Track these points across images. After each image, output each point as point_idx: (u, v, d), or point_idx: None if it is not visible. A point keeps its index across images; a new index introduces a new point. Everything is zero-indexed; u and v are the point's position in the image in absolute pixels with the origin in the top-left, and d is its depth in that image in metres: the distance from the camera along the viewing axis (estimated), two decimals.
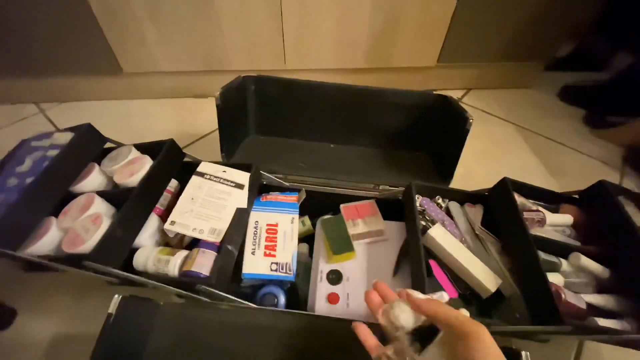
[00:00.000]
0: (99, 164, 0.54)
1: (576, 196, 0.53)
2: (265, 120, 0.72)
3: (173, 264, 0.43)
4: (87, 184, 0.51)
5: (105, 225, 0.42)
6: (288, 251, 0.52)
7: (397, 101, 0.67)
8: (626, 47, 1.01)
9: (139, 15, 0.81)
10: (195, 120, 0.97)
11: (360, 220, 0.58)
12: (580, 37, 1.15)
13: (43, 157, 0.51)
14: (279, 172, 0.62)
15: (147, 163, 0.50)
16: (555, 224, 0.50)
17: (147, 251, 0.45)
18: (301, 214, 0.59)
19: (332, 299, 0.49)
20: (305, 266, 0.56)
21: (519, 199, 0.50)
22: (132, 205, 0.44)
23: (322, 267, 0.53)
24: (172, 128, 0.94)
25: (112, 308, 0.34)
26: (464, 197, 0.56)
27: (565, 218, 0.50)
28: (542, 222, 0.49)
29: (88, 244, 0.40)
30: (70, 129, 0.54)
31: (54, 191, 0.47)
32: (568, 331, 0.37)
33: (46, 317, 0.56)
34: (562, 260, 0.46)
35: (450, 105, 0.61)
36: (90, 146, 0.53)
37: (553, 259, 0.45)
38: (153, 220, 0.48)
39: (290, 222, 0.56)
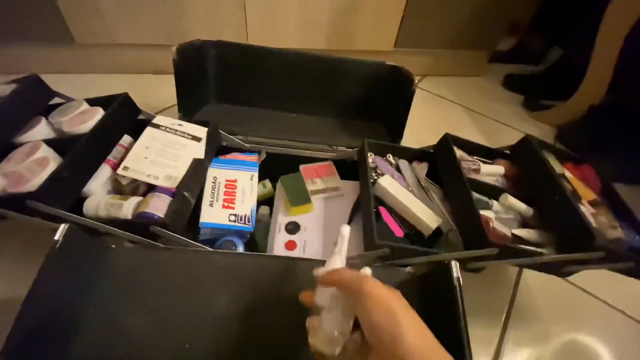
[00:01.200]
0: (47, 118, 0.52)
1: (507, 152, 0.60)
2: (226, 87, 0.72)
3: (126, 207, 0.43)
4: (33, 134, 0.49)
5: (52, 167, 0.41)
6: (247, 205, 0.54)
7: (354, 70, 0.70)
8: (557, 42, 1.15)
9: None
10: (154, 95, 0.94)
11: (319, 179, 0.61)
12: (520, 33, 1.29)
13: None
14: (239, 134, 0.64)
15: (99, 114, 0.49)
16: (489, 173, 0.56)
17: (98, 197, 0.44)
18: (262, 177, 0.61)
19: (290, 245, 0.51)
20: (265, 226, 0.58)
21: (459, 151, 0.56)
22: (81, 149, 0.43)
23: (281, 219, 0.55)
24: None
25: (59, 235, 0.33)
26: (412, 155, 0.60)
27: (497, 168, 0.56)
28: (477, 170, 0.54)
29: (33, 182, 0.39)
30: (15, 81, 0.52)
31: None
32: (495, 253, 0.42)
33: None
34: (494, 201, 0.51)
35: (399, 73, 0.66)
36: (36, 98, 0.51)
37: (485, 199, 0.50)
38: (105, 170, 0.48)
39: (249, 179, 0.57)
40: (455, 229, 0.48)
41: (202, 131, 0.54)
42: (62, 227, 0.34)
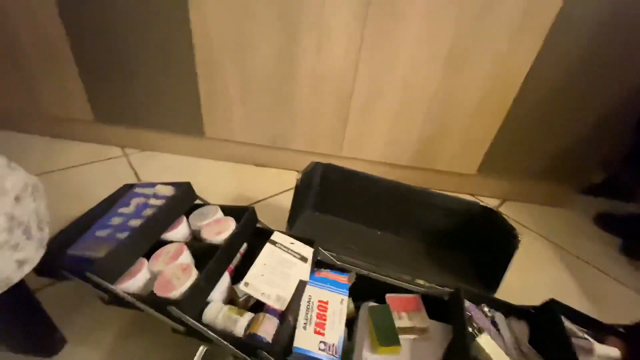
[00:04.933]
0: (186, 217, 0.62)
1: (622, 330, 0.54)
2: (323, 199, 0.80)
3: (241, 325, 0.47)
4: (175, 233, 0.58)
5: (193, 275, 0.48)
6: (336, 332, 0.55)
7: (443, 204, 0.74)
8: None
9: (234, 96, 1.00)
10: (252, 186, 1.08)
11: (405, 314, 0.60)
12: (612, 167, 1.25)
13: (145, 204, 0.61)
14: (333, 251, 0.68)
15: (231, 225, 0.58)
16: (603, 355, 0.51)
17: (218, 306, 0.49)
18: None
19: None
20: (343, 350, 0.57)
21: (566, 323, 0.52)
22: (217, 262, 0.50)
23: (366, 355, 0.54)
24: (232, 190, 1.05)
25: (198, 358, 0.38)
26: (509, 310, 0.58)
27: (613, 351, 0.51)
28: (590, 351, 0.50)
29: (177, 291, 0.46)
30: (171, 184, 0.65)
31: (152, 236, 0.55)
32: None
33: (93, 351, 0.58)
34: None
35: (496, 218, 0.68)
36: (185, 201, 0.62)
37: None
38: (225, 278, 0.54)
39: (339, 302, 0.59)
40: None
41: (308, 251, 0.60)
42: (201, 350, 0.39)
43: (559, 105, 0.96)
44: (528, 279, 0.85)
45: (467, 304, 0.58)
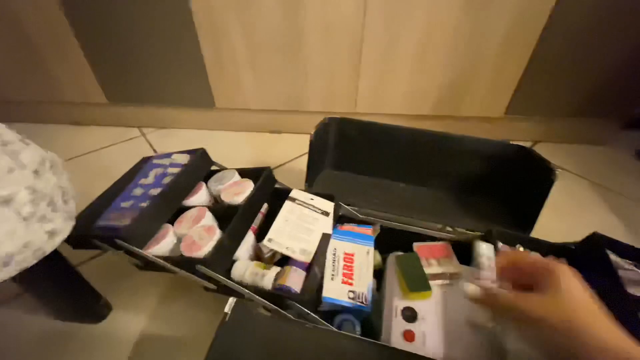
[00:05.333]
0: (206, 183, 0.62)
1: None
2: (341, 156, 0.78)
3: (268, 278, 0.47)
4: (196, 199, 0.59)
5: (217, 235, 0.49)
6: (364, 282, 0.55)
7: (473, 149, 0.69)
8: None
9: (241, 62, 0.96)
10: (270, 152, 1.07)
11: (435, 261, 0.59)
12: None
13: (164, 173, 0.61)
14: (354, 205, 0.66)
15: (249, 186, 0.57)
16: None
17: (245, 263, 0.50)
18: None
19: (409, 336, 0.50)
20: (373, 300, 0.57)
21: (611, 256, 0.49)
22: (238, 221, 0.50)
23: (396, 303, 0.54)
24: (250, 158, 1.04)
25: (228, 308, 0.38)
26: (547, 249, 0.55)
27: None
28: (638, 282, 0.46)
29: (203, 250, 0.47)
30: (187, 152, 0.64)
31: (174, 202, 0.55)
32: None
33: (137, 314, 0.62)
34: None
35: (531, 156, 0.63)
36: (202, 167, 0.62)
37: None
38: (249, 237, 0.54)
39: (366, 253, 0.59)
40: None
41: (329, 205, 0.58)
42: (231, 301, 0.39)
43: (592, 35, 0.85)
44: (567, 221, 0.80)
45: (500, 245, 0.55)
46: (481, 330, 0.28)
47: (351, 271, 0.56)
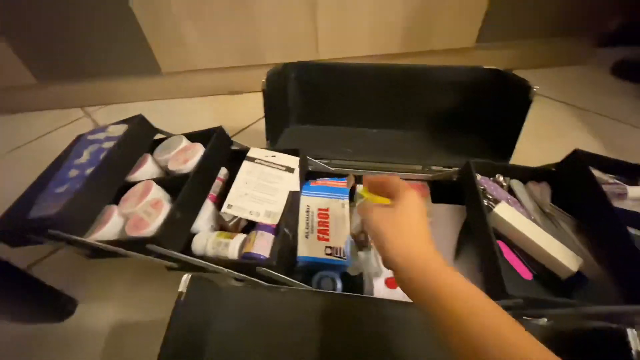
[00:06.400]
0: (152, 154, 0.55)
1: None
2: (306, 108, 0.71)
3: (233, 247, 0.42)
4: (142, 173, 0.52)
5: (165, 209, 0.43)
6: (341, 236, 0.51)
7: (443, 79, 0.63)
8: None
9: (178, 14, 0.83)
10: (232, 115, 0.97)
11: None
12: (631, 8, 1.07)
13: (100, 149, 0.53)
14: (324, 157, 0.61)
15: (199, 150, 0.50)
16: (637, 197, 0.45)
17: (205, 235, 0.45)
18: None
19: (391, 283, 0.47)
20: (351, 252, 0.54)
21: (594, 171, 0.46)
22: (189, 190, 0.44)
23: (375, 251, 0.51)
24: (211, 124, 0.95)
25: (182, 287, 0.34)
26: (527, 175, 0.52)
27: None
28: (623, 195, 0.44)
29: (151, 227, 0.41)
30: (124, 121, 0.56)
31: (113, 180, 0.48)
32: None
33: (106, 304, 0.57)
34: None
35: (504, 78, 0.58)
36: (143, 137, 0.54)
37: None
38: (208, 206, 0.48)
39: (341, 207, 0.54)
40: (603, 273, 0.39)
41: (294, 161, 0.53)
42: (185, 278, 0.34)
43: None
44: (546, 146, 0.78)
45: (479, 177, 0.52)
46: None
47: (327, 227, 0.52)
